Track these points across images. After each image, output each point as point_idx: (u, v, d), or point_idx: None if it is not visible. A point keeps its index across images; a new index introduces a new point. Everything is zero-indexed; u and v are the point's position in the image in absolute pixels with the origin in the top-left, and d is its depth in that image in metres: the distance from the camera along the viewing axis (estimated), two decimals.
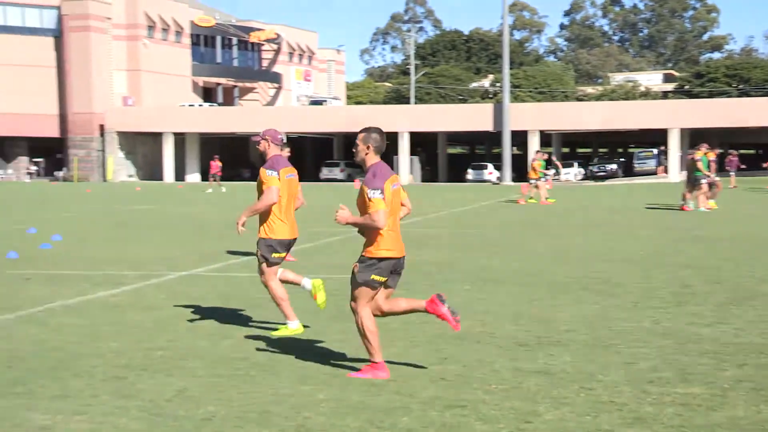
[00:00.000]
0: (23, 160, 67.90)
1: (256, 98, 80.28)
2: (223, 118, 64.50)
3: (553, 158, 42.56)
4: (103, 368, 6.66)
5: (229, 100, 76.62)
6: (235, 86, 78.27)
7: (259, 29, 79.03)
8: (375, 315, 6.37)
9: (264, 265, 7.77)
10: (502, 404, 5.68)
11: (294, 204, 7.92)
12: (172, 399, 5.83)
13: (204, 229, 20.04)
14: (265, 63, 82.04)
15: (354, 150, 6.35)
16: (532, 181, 30.00)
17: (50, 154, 66.99)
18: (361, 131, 6.37)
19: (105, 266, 12.96)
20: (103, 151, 64.50)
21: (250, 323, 8.50)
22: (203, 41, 75.12)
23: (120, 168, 65.16)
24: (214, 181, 44.51)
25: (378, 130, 6.36)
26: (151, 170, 66.47)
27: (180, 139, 64.59)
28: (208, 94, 75.66)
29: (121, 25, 66.54)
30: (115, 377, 6.40)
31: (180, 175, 64.22)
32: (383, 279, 6.29)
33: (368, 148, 6.28)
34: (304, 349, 7.32)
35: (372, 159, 6.28)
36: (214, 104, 70.29)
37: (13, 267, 12.84)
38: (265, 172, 7.70)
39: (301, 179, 8.27)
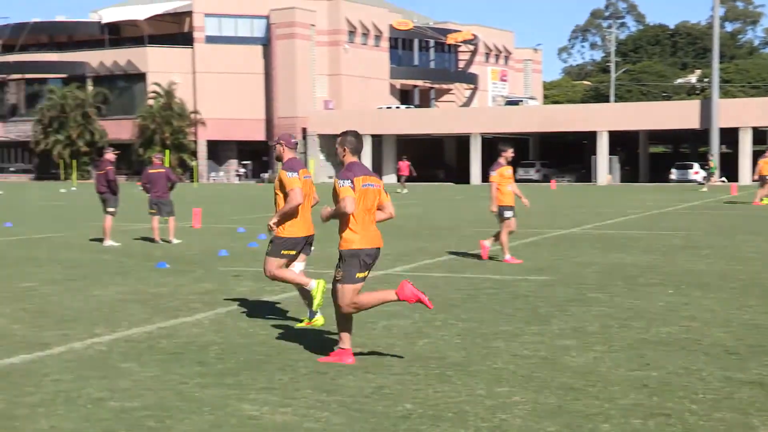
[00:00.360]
0: (233, 163, 71.85)
1: (452, 99, 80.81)
2: (419, 120, 65.39)
3: None
4: (305, 363, 6.91)
5: (425, 102, 77.57)
6: (432, 88, 79.12)
7: (455, 30, 79.45)
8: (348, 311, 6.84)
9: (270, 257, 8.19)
10: (710, 415, 5.39)
11: (310, 203, 8.34)
12: (370, 395, 5.96)
13: (400, 229, 20.38)
14: (461, 64, 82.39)
15: (336, 152, 7.05)
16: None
17: (257, 156, 70.45)
18: (339, 135, 7.06)
19: (306, 265, 13.43)
20: (305, 153, 67.13)
21: (449, 323, 8.54)
22: (401, 44, 76.49)
23: (321, 169, 67.63)
24: (404, 181, 45.41)
25: (354, 134, 7.04)
26: None
27: (377, 140, 66.14)
28: (405, 97, 76.94)
29: (323, 32, 68.99)
30: (316, 372, 6.62)
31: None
32: (364, 274, 6.83)
33: (345, 150, 6.98)
34: (498, 350, 7.27)
35: (349, 159, 6.96)
36: (411, 106, 71.41)
37: (225, 264, 13.58)
38: (285, 175, 8.08)
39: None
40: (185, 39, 70.41)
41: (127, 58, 70.07)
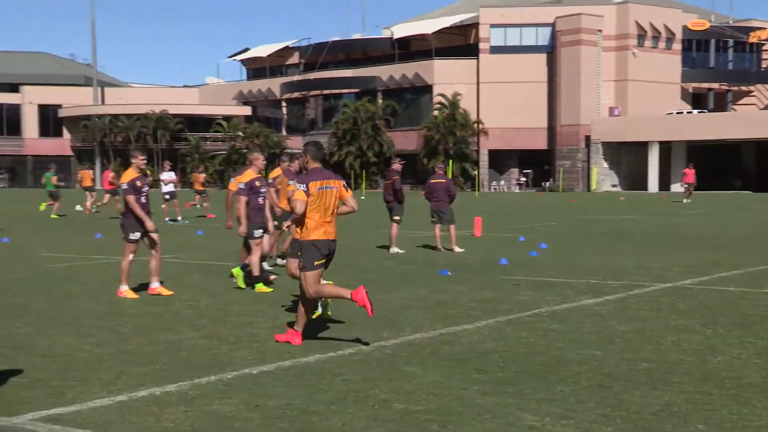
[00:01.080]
0: (514, 172, 72.08)
1: (752, 102, 75.44)
2: (713, 125, 61.73)
3: None
4: (587, 375, 6.72)
5: (720, 106, 73.06)
6: (729, 90, 74.36)
7: (759, 28, 73.99)
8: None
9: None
10: None
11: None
12: (658, 413, 5.67)
13: (689, 241, 19.33)
14: (764, 64, 76.64)
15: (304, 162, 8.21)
16: None
17: (538, 165, 70.10)
18: (303, 145, 8.30)
19: (588, 275, 13.13)
20: (588, 161, 65.78)
21: (746, 341, 7.93)
22: (695, 46, 72.64)
23: (604, 178, 65.90)
24: (687, 190, 43.01)
25: (314, 143, 8.21)
26: (633, 180, 66.17)
27: (665, 148, 63.27)
28: (697, 101, 72.95)
29: (611, 37, 67.27)
30: (599, 386, 6.42)
31: (665, 184, 62.95)
32: (321, 261, 7.92)
33: (307, 157, 8.13)
34: None
35: (311, 165, 8.10)
36: (704, 111, 67.60)
37: (505, 273, 13.61)
38: (293, 186, 8.61)
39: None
40: (470, 50, 71.76)
41: (415, 71, 72.69)
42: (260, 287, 11.46)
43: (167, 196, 27.91)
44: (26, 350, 7.64)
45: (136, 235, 11.05)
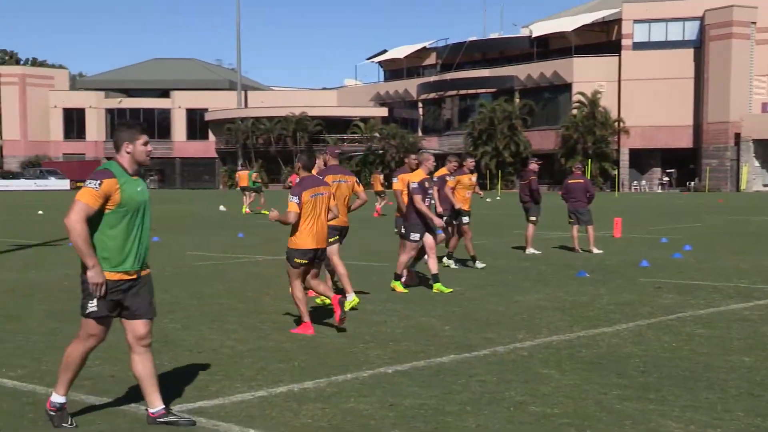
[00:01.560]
0: (656, 172, 69.86)
1: None
2: None
3: None
4: (735, 383, 6.44)
5: None
6: None
7: None
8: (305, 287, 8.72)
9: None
10: None
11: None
12: None
13: None
14: None
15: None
16: None
17: (682, 164, 67.71)
18: (298, 153, 9.28)
19: (736, 278, 12.59)
20: (738, 160, 63.00)
21: None
22: None
23: (755, 177, 62.98)
24: None
25: (306, 152, 9.00)
26: None
27: None
28: None
29: (765, 29, 64.17)
30: (749, 394, 6.13)
31: None
32: (303, 261, 8.53)
33: (298, 167, 8.80)
34: None
35: (302, 174, 8.75)
36: None
37: (646, 275, 13.21)
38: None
39: None
40: (612, 47, 70.13)
41: (553, 69, 71.62)
42: (437, 288, 11.49)
43: None
44: (174, 344, 7.98)
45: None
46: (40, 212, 34.00)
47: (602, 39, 73.08)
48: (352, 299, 9.76)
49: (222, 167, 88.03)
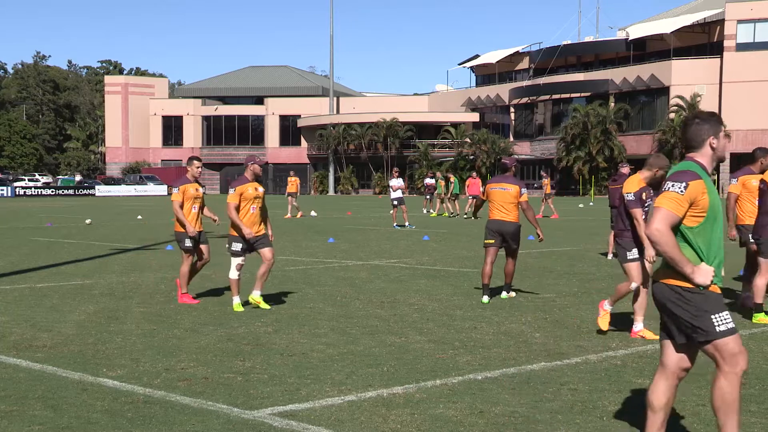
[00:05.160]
0: None
1: None
2: None
3: None
4: None
5: None
6: None
7: None
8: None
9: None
10: None
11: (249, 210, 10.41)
12: None
13: None
14: None
15: None
16: None
17: None
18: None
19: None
20: None
21: None
22: None
23: None
24: None
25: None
26: None
27: None
28: None
29: None
30: None
31: None
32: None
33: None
34: None
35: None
36: None
37: (739, 285, 12.75)
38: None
39: None
40: (713, 49, 68.20)
41: (650, 72, 70.02)
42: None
43: (395, 202, 28.65)
44: (266, 348, 8.09)
45: (634, 253, 8.76)
46: (139, 217, 35.05)
47: (703, 40, 71.12)
48: None
49: (314, 173, 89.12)
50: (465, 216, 34.14)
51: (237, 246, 10.44)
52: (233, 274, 10.49)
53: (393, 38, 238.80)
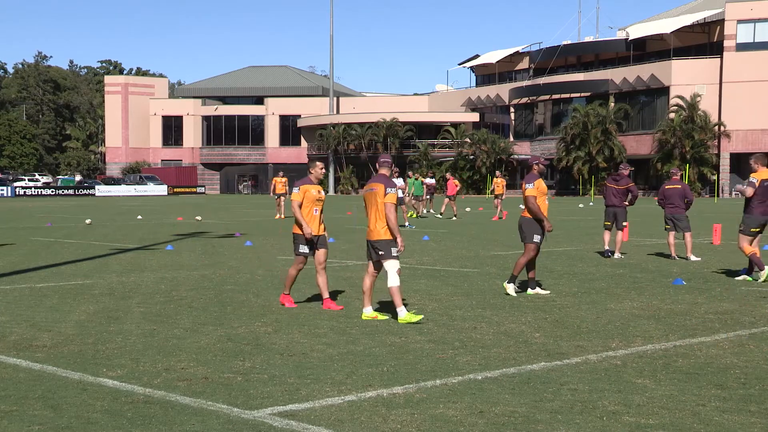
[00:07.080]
0: None
1: None
2: None
3: None
4: None
5: None
6: None
7: None
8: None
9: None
10: None
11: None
12: None
13: None
14: None
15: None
16: None
17: None
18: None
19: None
20: None
21: None
22: None
23: None
24: None
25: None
26: None
27: None
28: None
29: None
30: None
31: None
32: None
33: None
34: None
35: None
36: None
37: (748, 284, 12.77)
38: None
39: None
40: (713, 49, 68.21)
41: (650, 72, 70.03)
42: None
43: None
44: (266, 348, 8.09)
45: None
46: (139, 217, 35.04)
47: (703, 40, 71.14)
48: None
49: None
50: (438, 216, 34.31)
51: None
52: (389, 280, 9.62)
53: (393, 38, 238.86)
